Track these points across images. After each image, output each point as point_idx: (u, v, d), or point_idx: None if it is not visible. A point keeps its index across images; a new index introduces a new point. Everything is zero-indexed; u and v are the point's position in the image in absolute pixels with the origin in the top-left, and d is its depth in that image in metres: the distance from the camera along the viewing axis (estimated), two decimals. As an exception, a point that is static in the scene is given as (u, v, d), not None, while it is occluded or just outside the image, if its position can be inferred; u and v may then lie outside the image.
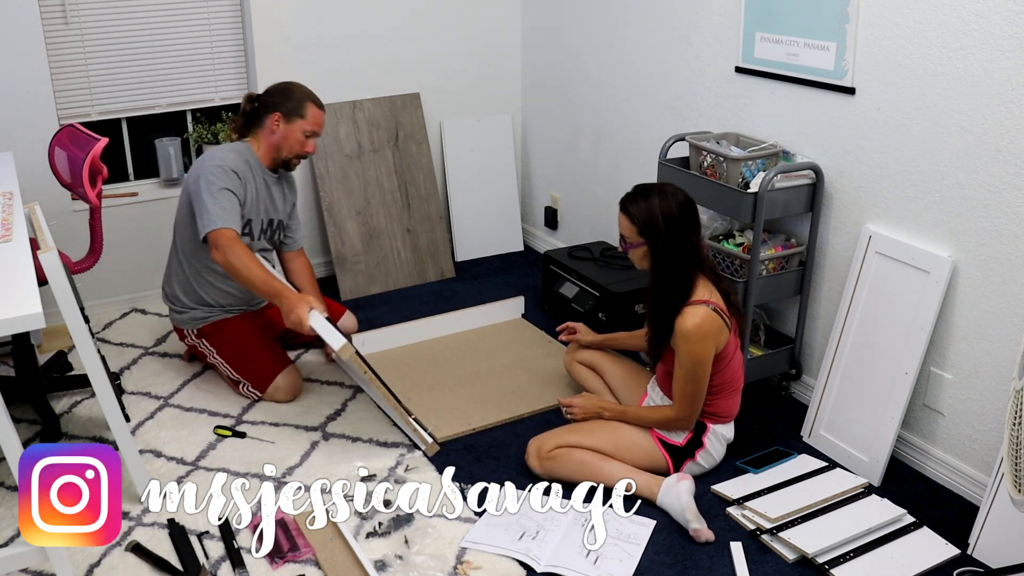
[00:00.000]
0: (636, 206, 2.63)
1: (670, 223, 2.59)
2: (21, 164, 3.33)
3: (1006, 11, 2.39)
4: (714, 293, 2.63)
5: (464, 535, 2.52)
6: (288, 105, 3.13)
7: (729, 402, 2.74)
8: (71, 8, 3.58)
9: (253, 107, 3.19)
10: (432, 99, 4.37)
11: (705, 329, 2.57)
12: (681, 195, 2.63)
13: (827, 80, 2.92)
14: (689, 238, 2.61)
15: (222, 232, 2.97)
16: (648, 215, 2.60)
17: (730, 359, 2.67)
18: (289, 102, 3.13)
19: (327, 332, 2.80)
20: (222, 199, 3.01)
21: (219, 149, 3.15)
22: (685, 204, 2.62)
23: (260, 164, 3.19)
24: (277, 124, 3.13)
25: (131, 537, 2.50)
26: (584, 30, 4.04)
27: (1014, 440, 1.99)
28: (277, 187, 3.28)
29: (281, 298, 2.89)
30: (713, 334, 2.58)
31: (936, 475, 2.80)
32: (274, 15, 3.90)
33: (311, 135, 3.18)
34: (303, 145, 3.18)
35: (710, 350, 2.60)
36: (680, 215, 2.59)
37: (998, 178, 2.49)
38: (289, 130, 3.14)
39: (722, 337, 2.61)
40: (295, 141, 3.16)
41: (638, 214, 2.62)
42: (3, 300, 2.11)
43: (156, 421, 3.08)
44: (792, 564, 2.44)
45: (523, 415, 3.12)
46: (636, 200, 2.63)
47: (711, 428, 2.73)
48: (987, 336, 2.60)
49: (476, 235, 4.56)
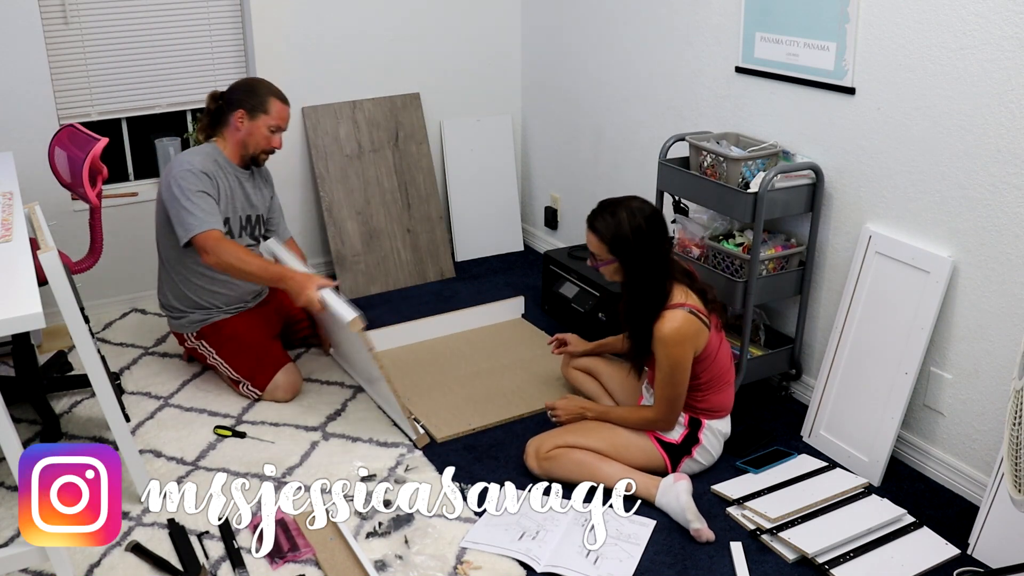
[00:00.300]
0: (603, 223, 2.61)
1: (639, 237, 2.58)
2: (21, 164, 3.33)
3: (1006, 11, 2.39)
4: (690, 295, 2.63)
5: (464, 535, 2.52)
6: (252, 101, 3.13)
7: (721, 396, 2.74)
8: (71, 8, 3.58)
9: (218, 105, 3.18)
10: (432, 99, 4.37)
11: (683, 333, 2.57)
12: (648, 208, 2.62)
13: (827, 80, 2.92)
14: (659, 250, 2.61)
15: (207, 234, 2.98)
16: (616, 231, 2.59)
17: (715, 355, 2.67)
18: (252, 98, 3.13)
19: (339, 305, 2.84)
20: (199, 202, 3.01)
21: (186, 154, 3.15)
22: (652, 217, 2.61)
23: (229, 162, 3.19)
24: (241, 121, 3.14)
25: (131, 537, 2.50)
26: (584, 30, 4.04)
27: (1014, 440, 1.99)
28: (251, 183, 3.28)
29: (286, 280, 2.92)
30: (691, 337, 2.59)
31: (936, 475, 2.80)
32: (274, 15, 3.90)
33: (276, 130, 3.18)
34: (268, 140, 3.18)
35: (689, 353, 2.60)
36: (648, 228, 2.59)
37: (998, 178, 2.49)
38: (253, 126, 3.14)
39: (701, 339, 2.62)
40: (260, 137, 3.16)
41: (606, 231, 2.61)
42: (3, 300, 2.11)
43: (156, 421, 3.08)
44: (792, 564, 2.44)
45: (523, 415, 3.12)
46: (603, 216, 2.62)
47: (706, 424, 2.73)
48: (987, 336, 2.60)
49: (476, 235, 4.56)
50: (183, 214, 2.99)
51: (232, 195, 3.19)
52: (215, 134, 3.22)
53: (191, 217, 2.99)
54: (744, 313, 2.99)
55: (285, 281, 2.93)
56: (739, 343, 3.06)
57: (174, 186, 3.02)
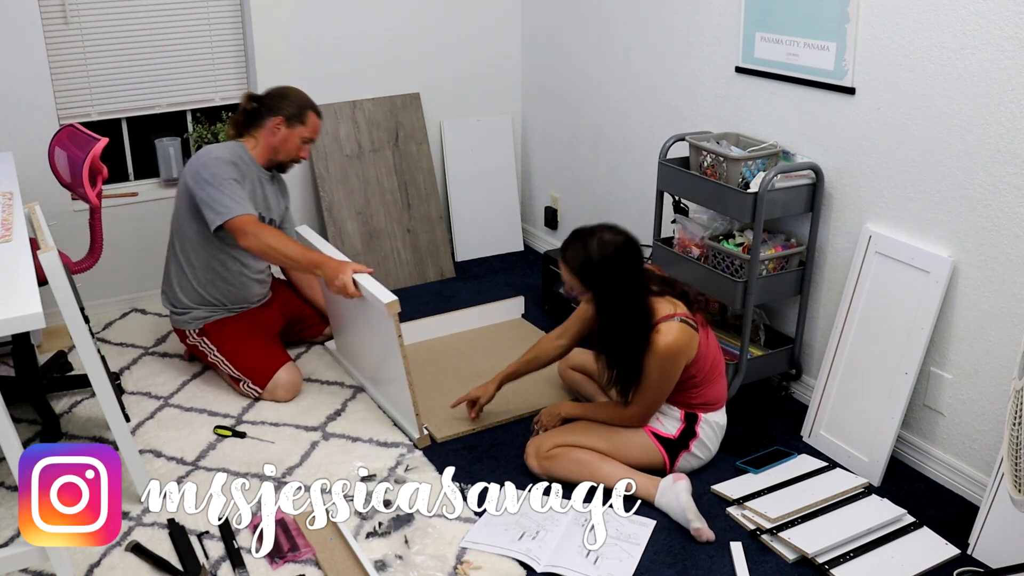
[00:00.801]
0: (573, 253, 2.59)
1: (609, 268, 2.54)
2: (21, 164, 3.33)
3: (1006, 11, 2.39)
4: (677, 304, 2.62)
5: (464, 535, 2.52)
6: (291, 110, 3.20)
7: (715, 388, 2.74)
8: (71, 8, 3.58)
9: (254, 107, 3.23)
10: (432, 99, 4.37)
11: (680, 344, 2.57)
12: (620, 237, 2.58)
13: (827, 80, 2.92)
14: (632, 277, 2.58)
15: (245, 218, 3.02)
16: (586, 262, 2.56)
17: (704, 352, 2.67)
18: (292, 108, 3.20)
19: (375, 288, 2.88)
20: (232, 189, 3.05)
21: (213, 147, 3.17)
22: (623, 246, 2.57)
23: (254, 161, 3.24)
24: (278, 128, 3.20)
25: (131, 537, 2.50)
26: (584, 30, 4.04)
27: (1014, 440, 1.99)
28: (271, 186, 3.32)
29: (323, 266, 2.99)
30: (686, 348, 2.59)
31: (936, 475, 2.80)
32: (274, 15, 3.90)
33: (308, 141, 3.27)
34: (299, 150, 3.27)
35: (681, 364, 2.62)
36: (619, 258, 2.55)
37: (998, 178, 2.49)
38: (289, 135, 3.22)
39: (694, 347, 2.62)
40: (293, 146, 3.24)
41: (575, 262, 2.58)
42: (3, 300, 2.11)
43: (156, 421, 3.08)
44: (792, 564, 2.44)
45: (523, 415, 3.12)
46: (573, 247, 2.60)
47: (703, 418, 2.73)
48: (987, 336, 2.60)
49: (476, 235, 4.56)
50: (217, 197, 3.02)
51: (254, 193, 3.22)
52: (245, 133, 3.26)
53: (228, 200, 3.02)
54: (744, 313, 2.99)
55: (322, 267, 2.99)
56: (739, 343, 3.06)
57: (204, 172, 3.05)
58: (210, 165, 3.06)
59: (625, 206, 3.96)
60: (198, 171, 3.07)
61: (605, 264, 2.55)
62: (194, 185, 3.07)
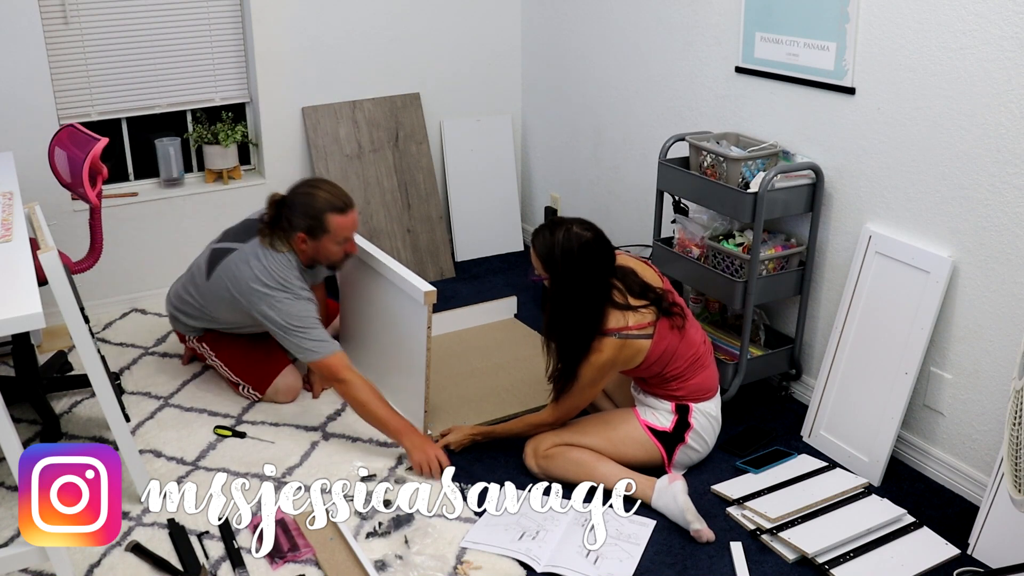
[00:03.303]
0: (541, 239, 2.64)
1: (568, 260, 2.58)
2: (21, 164, 3.33)
3: (1006, 11, 2.39)
4: (628, 316, 2.61)
5: (464, 535, 2.52)
6: (309, 223, 2.93)
7: (699, 379, 2.73)
8: (71, 8, 3.58)
9: (278, 213, 2.99)
10: (432, 99, 4.37)
11: (612, 362, 2.62)
12: (588, 234, 2.59)
13: (827, 80, 2.92)
14: (589, 276, 2.59)
15: (337, 360, 2.87)
16: (549, 250, 2.60)
17: (673, 352, 2.66)
18: (309, 220, 2.93)
19: (413, 279, 2.88)
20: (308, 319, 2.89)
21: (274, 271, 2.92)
22: (588, 243, 2.58)
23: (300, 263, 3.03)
24: (305, 243, 2.97)
25: (131, 537, 2.50)
26: (584, 30, 4.04)
27: (1014, 440, 1.99)
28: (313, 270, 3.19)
29: (405, 436, 2.84)
30: (619, 363, 2.65)
31: (936, 475, 2.80)
32: (274, 15, 3.90)
33: (345, 241, 3.01)
34: (340, 252, 3.03)
35: (609, 376, 2.69)
36: (580, 254, 2.57)
37: (998, 178, 2.49)
38: (319, 246, 2.98)
39: (635, 359, 2.63)
40: (330, 252, 3.01)
41: (540, 247, 2.63)
42: (3, 300, 2.11)
43: (156, 421, 3.08)
44: (792, 564, 2.44)
45: (518, 413, 3.11)
46: (543, 233, 2.64)
47: (694, 408, 2.73)
48: (987, 336, 2.60)
49: (476, 235, 4.56)
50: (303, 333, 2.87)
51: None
52: (277, 238, 2.98)
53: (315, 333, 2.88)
54: (744, 313, 2.99)
55: (404, 437, 2.83)
56: (739, 343, 3.06)
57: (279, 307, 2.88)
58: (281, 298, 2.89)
59: (625, 206, 3.96)
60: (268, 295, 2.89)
61: (565, 256, 2.58)
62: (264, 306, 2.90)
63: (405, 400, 3.07)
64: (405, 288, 2.90)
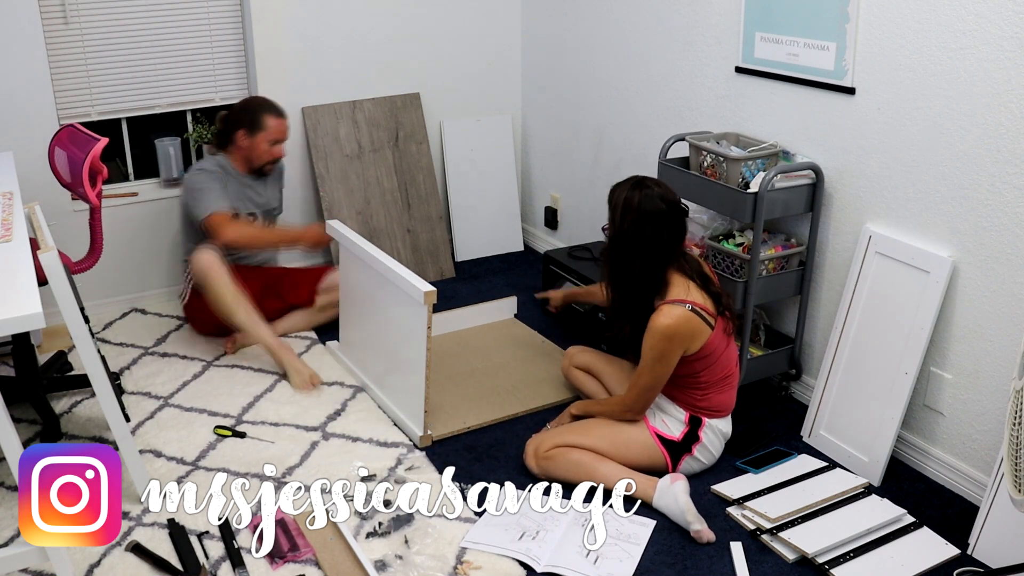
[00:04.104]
0: (618, 191, 2.68)
1: (626, 218, 2.61)
2: (21, 164, 3.33)
3: (1006, 11, 2.39)
4: (693, 292, 2.61)
5: (464, 535, 2.52)
6: (249, 119, 3.49)
7: (723, 397, 2.74)
8: (71, 8, 3.58)
9: (223, 125, 3.56)
10: (432, 99, 4.37)
11: (676, 330, 2.57)
12: (662, 203, 2.59)
13: (827, 80, 2.92)
14: (650, 235, 2.60)
15: (213, 217, 3.36)
16: (614, 202, 2.66)
17: (718, 357, 2.67)
18: (249, 116, 3.50)
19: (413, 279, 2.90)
20: (205, 190, 3.40)
21: (195, 164, 3.60)
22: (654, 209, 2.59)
23: (236, 170, 3.56)
24: (243, 139, 3.50)
25: (131, 537, 2.50)
26: (584, 30, 4.04)
27: (1014, 440, 1.99)
28: (260, 184, 3.65)
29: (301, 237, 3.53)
30: (685, 336, 2.59)
31: (936, 475, 2.80)
32: (274, 15, 3.90)
33: (276, 142, 3.54)
34: (270, 152, 3.55)
35: (676, 351, 2.61)
36: (640, 215, 2.59)
37: (998, 178, 2.49)
38: (254, 142, 3.51)
39: (697, 339, 2.61)
40: (262, 151, 3.53)
41: (613, 195, 2.68)
42: (3, 300, 2.11)
43: (156, 421, 3.08)
44: (792, 564, 2.44)
45: (518, 414, 3.12)
46: (623, 186, 2.68)
47: (707, 422, 2.73)
48: (987, 336, 2.60)
49: (476, 235, 4.56)
50: (193, 203, 3.41)
51: (240, 194, 3.55)
52: (224, 150, 3.58)
53: (201, 203, 3.38)
54: (744, 313, 2.99)
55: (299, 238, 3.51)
56: (739, 343, 3.06)
57: (187, 187, 3.46)
58: (190, 180, 3.46)
59: (625, 206, 3.96)
60: (185, 190, 3.48)
61: (626, 210, 2.61)
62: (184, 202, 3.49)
63: (405, 400, 3.06)
64: (405, 288, 2.90)
